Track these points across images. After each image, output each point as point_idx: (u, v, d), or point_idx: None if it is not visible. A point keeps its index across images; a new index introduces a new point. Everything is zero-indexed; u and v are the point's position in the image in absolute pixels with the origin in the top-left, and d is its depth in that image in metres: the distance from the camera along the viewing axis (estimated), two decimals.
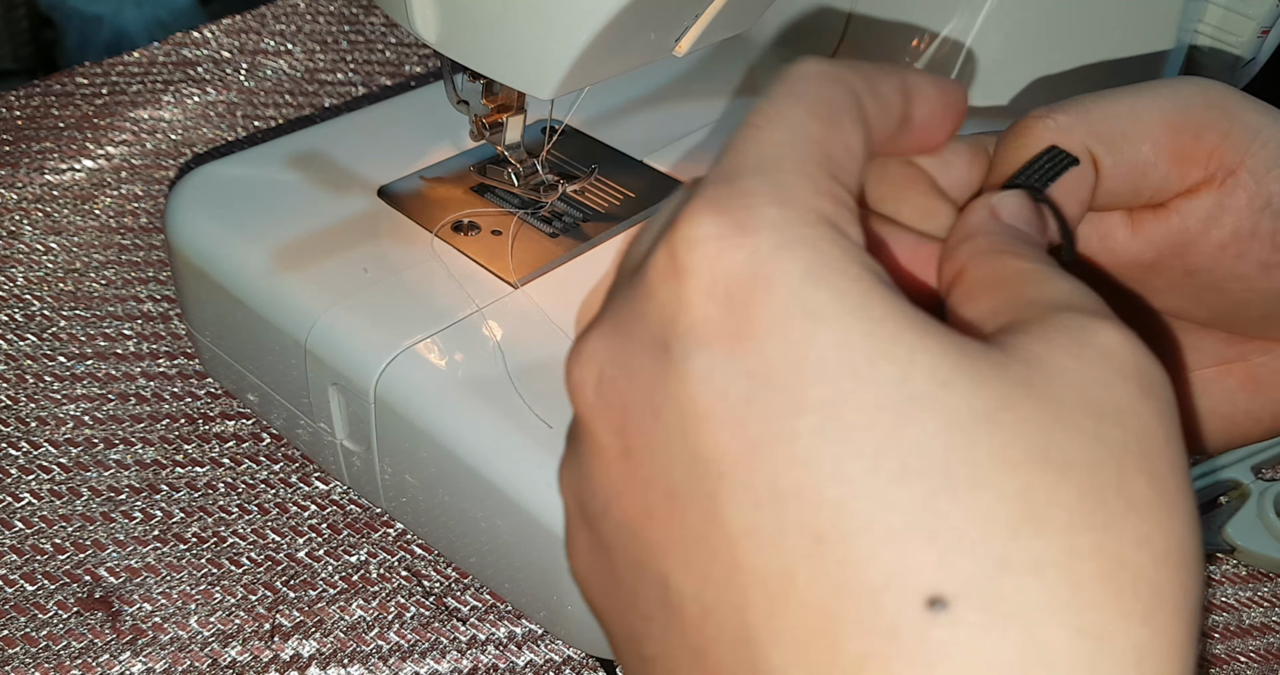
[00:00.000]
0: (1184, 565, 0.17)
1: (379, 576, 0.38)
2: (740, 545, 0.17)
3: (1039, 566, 0.16)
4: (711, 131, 0.46)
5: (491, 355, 0.34)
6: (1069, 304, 0.19)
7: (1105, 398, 0.17)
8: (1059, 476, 0.16)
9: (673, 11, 0.32)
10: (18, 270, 0.49)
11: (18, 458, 0.41)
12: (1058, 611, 0.15)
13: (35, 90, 0.60)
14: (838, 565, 0.16)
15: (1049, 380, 0.17)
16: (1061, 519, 0.16)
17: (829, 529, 0.16)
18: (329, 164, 0.42)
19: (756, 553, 0.17)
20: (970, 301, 0.20)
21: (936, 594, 0.16)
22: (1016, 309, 0.19)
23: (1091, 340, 0.18)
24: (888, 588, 0.16)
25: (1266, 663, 0.39)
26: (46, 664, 0.35)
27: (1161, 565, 0.16)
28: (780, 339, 0.17)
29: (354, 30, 0.69)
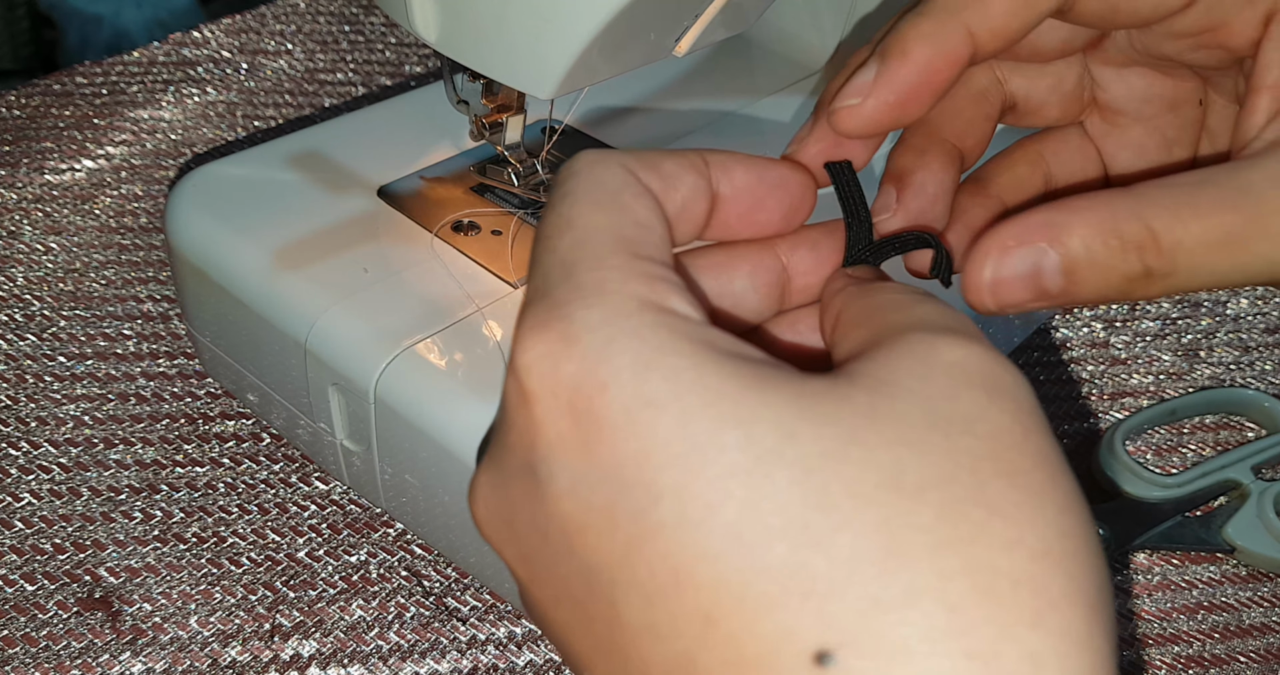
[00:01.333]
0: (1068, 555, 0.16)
1: (379, 576, 0.38)
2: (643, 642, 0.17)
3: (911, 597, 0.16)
4: (711, 131, 0.46)
5: (491, 355, 0.34)
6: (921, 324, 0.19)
7: (952, 409, 0.17)
8: (915, 500, 0.16)
9: (673, 11, 0.32)
10: (18, 270, 0.49)
11: (18, 458, 0.41)
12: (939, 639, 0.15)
13: (35, 90, 0.60)
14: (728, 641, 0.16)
15: (893, 403, 0.17)
16: (924, 542, 0.16)
17: (713, 609, 0.16)
18: (329, 164, 0.42)
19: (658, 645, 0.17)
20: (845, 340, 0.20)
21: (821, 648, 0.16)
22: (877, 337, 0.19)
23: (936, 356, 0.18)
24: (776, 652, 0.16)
25: (1266, 663, 0.39)
26: (46, 664, 0.35)
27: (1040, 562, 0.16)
28: (626, 435, 0.17)
29: (354, 30, 0.69)
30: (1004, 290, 0.22)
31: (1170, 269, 0.21)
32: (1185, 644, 0.39)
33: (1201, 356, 0.50)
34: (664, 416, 0.17)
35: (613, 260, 0.19)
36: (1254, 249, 0.21)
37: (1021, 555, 0.16)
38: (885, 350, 0.19)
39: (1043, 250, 0.22)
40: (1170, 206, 0.21)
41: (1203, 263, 0.21)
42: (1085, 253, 0.21)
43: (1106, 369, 0.49)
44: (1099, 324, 0.52)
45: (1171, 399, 0.47)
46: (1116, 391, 0.48)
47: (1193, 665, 0.38)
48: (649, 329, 0.18)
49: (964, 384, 0.18)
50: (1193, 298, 0.54)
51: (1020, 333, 0.49)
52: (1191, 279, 0.22)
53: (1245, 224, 0.21)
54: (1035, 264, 0.22)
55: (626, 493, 0.17)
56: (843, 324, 0.21)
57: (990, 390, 0.18)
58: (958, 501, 0.16)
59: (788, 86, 0.50)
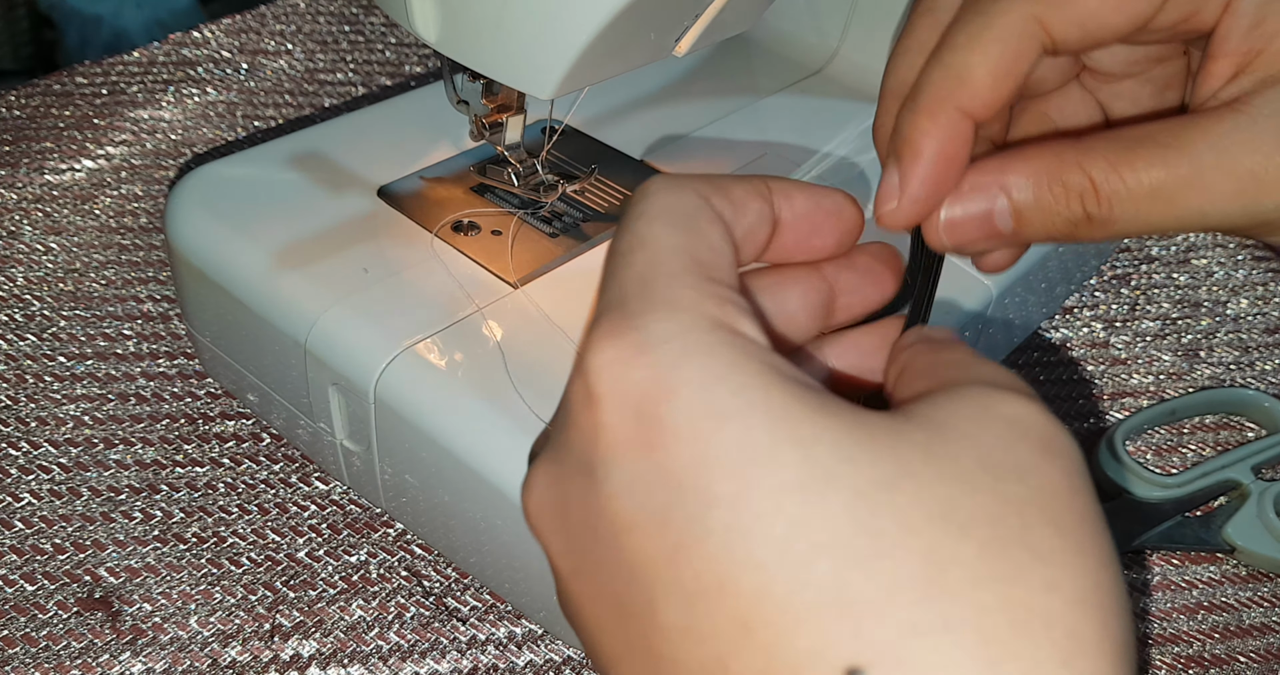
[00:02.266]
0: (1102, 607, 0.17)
1: (379, 576, 0.38)
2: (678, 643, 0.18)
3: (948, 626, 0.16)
4: (711, 131, 0.46)
5: (491, 355, 0.34)
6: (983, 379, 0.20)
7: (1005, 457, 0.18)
8: (961, 534, 0.17)
9: (673, 11, 0.32)
10: (18, 270, 0.49)
11: (18, 458, 0.41)
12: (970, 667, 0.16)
13: (35, 90, 0.60)
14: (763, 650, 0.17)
15: (948, 443, 0.18)
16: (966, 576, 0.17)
17: (752, 616, 0.17)
18: (329, 164, 0.42)
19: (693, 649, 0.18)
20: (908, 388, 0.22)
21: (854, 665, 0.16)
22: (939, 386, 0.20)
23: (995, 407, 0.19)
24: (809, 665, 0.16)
25: (1266, 663, 0.39)
26: (46, 664, 0.35)
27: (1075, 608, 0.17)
28: (688, 442, 0.18)
29: (354, 30, 0.69)
30: (958, 229, 0.24)
31: (1109, 216, 0.23)
32: (1185, 644, 0.39)
33: (1201, 356, 0.50)
34: (727, 428, 0.18)
35: (687, 279, 0.20)
36: (1186, 202, 0.23)
37: (1058, 599, 0.17)
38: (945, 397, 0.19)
39: (994, 195, 0.24)
40: (1111, 159, 0.23)
41: (1139, 212, 0.23)
42: (1032, 199, 0.24)
43: (1106, 369, 0.49)
44: (1099, 324, 0.52)
45: (1171, 399, 0.47)
46: (1116, 391, 0.48)
47: (1193, 665, 0.38)
48: (720, 346, 0.19)
49: (1019, 437, 0.18)
50: (1192, 298, 0.54)
51: (1020, 333, 0.49)
52: (1130, 225, 0.24)
53: (1179, 179, 0.23)
54: (986, 207, 0.24)
55: (682, 497, 0.18)
56: (908, 374, 0.22)
57: (1044, 447, 0.19)
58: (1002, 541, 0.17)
59: (788, 86, 0.50)
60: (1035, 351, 0.50)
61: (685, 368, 0.18)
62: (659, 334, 0.19)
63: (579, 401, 0.20)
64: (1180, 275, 0.55)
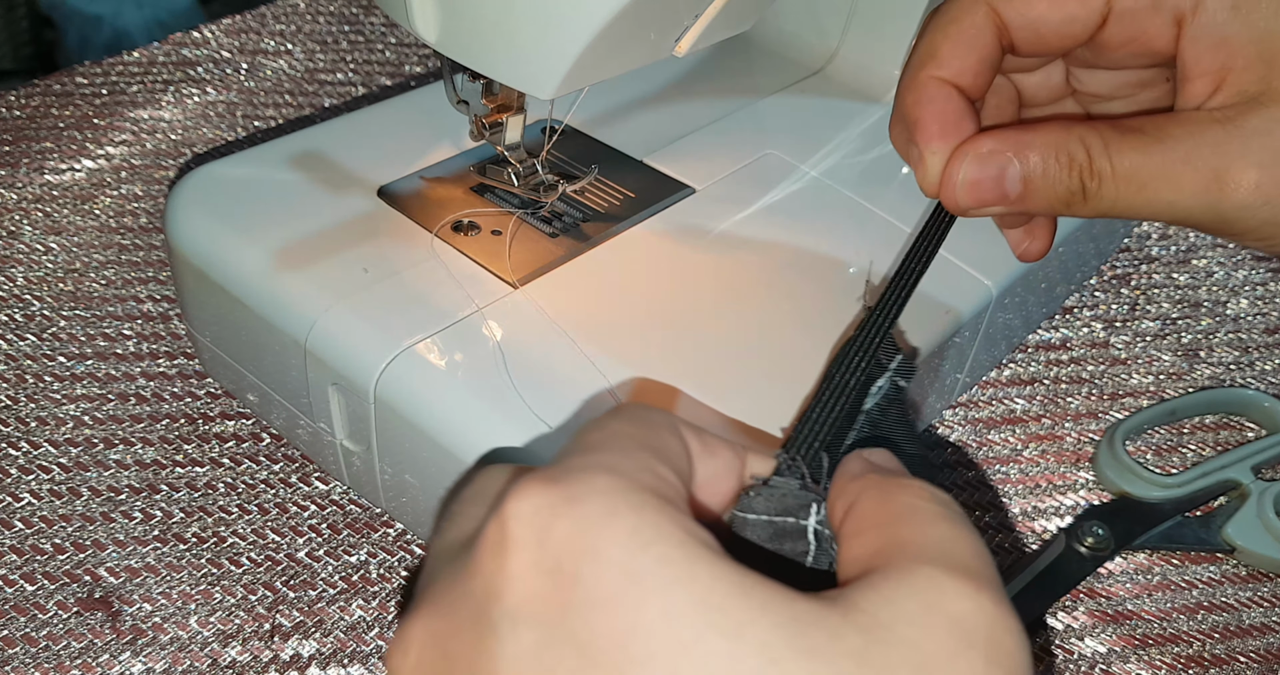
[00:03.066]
0: None
1: (379, 576, 0.38)
2: None
3: None
4: (711, 131, 0.46)
5: (491, 355, 0.34)
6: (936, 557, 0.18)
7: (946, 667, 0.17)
8: None
9: (673, 11, 0.32)
10: (18, 270, 0.49)
11: (18, 458, 0.41)
12: None
13: (35, 90, 0.60)
14: None
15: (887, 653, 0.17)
16: None
17: None
18: (329, 164, 0.42)
19: None
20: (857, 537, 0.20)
21: None
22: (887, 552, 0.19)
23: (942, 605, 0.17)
24: None
25: (1266, 663, 0.39)
26: (46, 664, 0.35)
27: None
28: (608, 609, 0.17)
29: (354, 30, 0.69)
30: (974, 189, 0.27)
31: (1097, 192, 0.26)
32: (1185, 644, 0.39)
33: (1201, 356, 0.50)
34: (650, 601, 0.17)
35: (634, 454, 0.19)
36: (1155, 191, 0.25)
37: None
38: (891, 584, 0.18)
39: (1009, 159, 0.26)
40: (1107, 138, 0.26)
41: (1118, 193, 0.26)
42: (1041, 164, 0.26)
43: (1106, 369, 0.49)
44: (1099, 324, 0.52)
45: (1171, 399, 0.47)
46: (1116, 391, 0.48)
47: (1193, 665, 0.38)
48: (647, 509, 0.18)
49: (965, 645, 0.17)
50: (1192, 298, 0.54)
51: (1020, 333, 0.49)
52: (1114, 206, 0.26)
53: (1151, 168, 0.25)
54: (1001, 169, 0.26)
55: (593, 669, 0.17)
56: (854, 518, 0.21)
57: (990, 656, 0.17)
58: None
59: (788, 86, 0.50)
60: (1035, 351, 0.50)
61: (612, 526, 0.17)
62: (592, 486, 0.18)
63: (489, 548, 0.18)
64: (1180, 275, 0.55)
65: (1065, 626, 0.39)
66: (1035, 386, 0.48)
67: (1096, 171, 0.26)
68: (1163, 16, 0.27)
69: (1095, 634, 0.39)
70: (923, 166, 0.27)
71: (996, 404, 0.47)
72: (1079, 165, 0.26)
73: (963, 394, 0.47)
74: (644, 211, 0.41)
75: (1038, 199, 0.26)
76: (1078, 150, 0.26)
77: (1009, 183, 0.26)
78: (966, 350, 0.42)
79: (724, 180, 0.43)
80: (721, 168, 0.44)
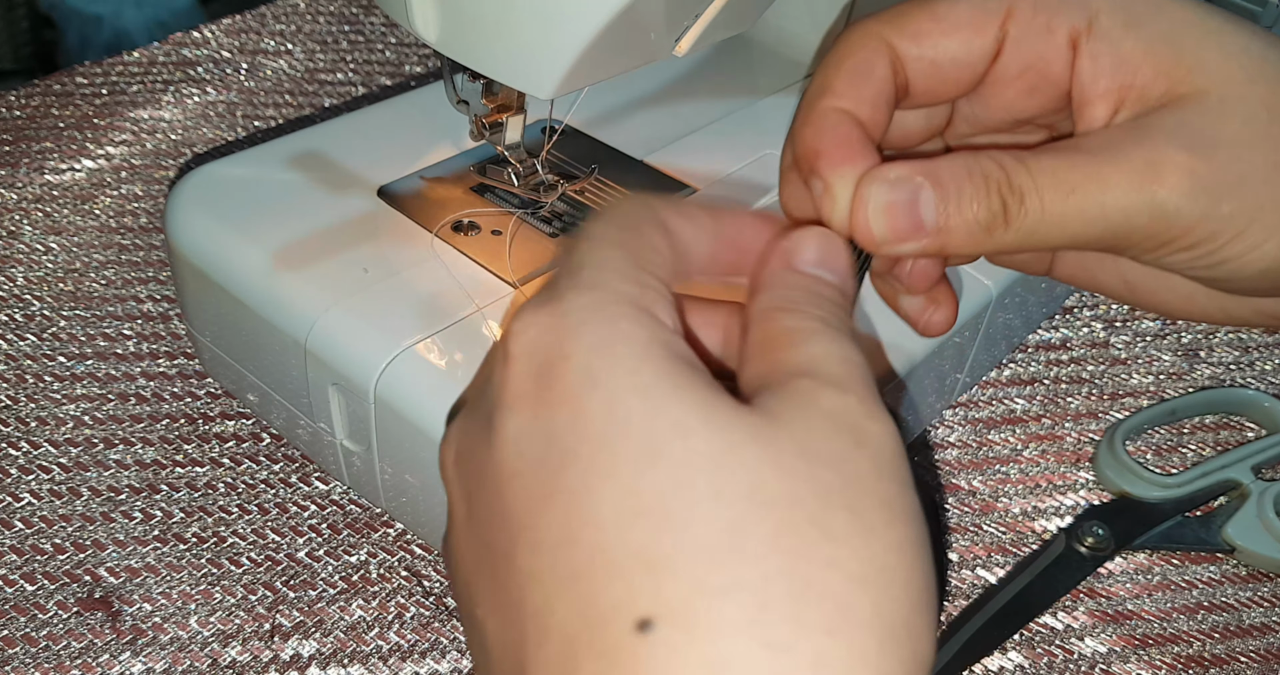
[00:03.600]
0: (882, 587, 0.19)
1: (379, 576, 0.38)
2: (525, 587, 0.20)
3: (733, 588, 0.18)
4: (711, 131, 0.46)
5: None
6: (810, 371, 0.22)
7: (822, 447, 0.20)
8: (763, 510, 0.19)
9: (673, 11, 0.32)
10: (18, 270, 0.49)
11: (18, 458, 0.41)
12: (745, 627, 0.18)
13: (35, 90, 0.60)
14: (581, 599, 0.19)
15: (774, 431, 0.20)
16: (758, 548, 0.18)
17: (582, 567, 0.19)
18: (329, 164, 0.42)
19: (533, 592, 0.20)
20: (748, 363, 0.23)
21: (646, 617, 0.18)
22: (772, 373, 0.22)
23: (817, 402, 0.21)
24: (613, 614, 0.18)
25: (1266, 663, 0.39)
26: (46, 664, 0.35)
27: (852, 585, 0.19)
28: (567, 403, 0.20)
29: (354, 30, 0.69)
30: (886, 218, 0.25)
31: (1020, 208, 0.24)
32: (1185, 644, 0.39)
33: (1201, 356, 0.50)
34: (598, 393, 0.20)
35: (615, 266, 0.22)
36: (1085, 192, 0.24)
37: (837, 575, 0.19)
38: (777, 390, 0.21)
39: (920, 183, 0.25)
40: (1019, 156, 0.25)
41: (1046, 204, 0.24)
42: (954, 185, 0.25)
43: (1106, 369, 0.49)
44: (1099, 324, 0.52)
45: (1171, 399, 0.47)
46: (1116, 391, 0.48)
47: (1193, 665, 0.38)
48: (620, 319, 0.21)
49: (836, 429, 0.20)
50: None
51: (1020, 333, 0.49)
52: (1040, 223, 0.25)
53: (1076, 171, 0.24)
54: (913, 195, 0.25)
55: (554, 450, 0.20)
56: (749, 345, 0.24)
57: (857, 438, 0.20)
58: (797, 520, 0.19)
59: (788, 86, 0.50)
60: (1035, 351, 0.50)
61: (584, 336, 0.21)
62: (570, 303, 0.21)
63: (498, 360, 0.22)
64: None
65: (1065, 626, 0.39)
66: (1035, 386, 0.48)
67: (1016, 186, 0.24)
68: (1057, 38, 0.26)
69: (1095, 634, 0.39)
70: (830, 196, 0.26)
71: (996, 404, 0.47)
72: (996, 182, 0.25)
73: (963, 394, 0.47)
74: None
75: (956, 229, 0.25)
76: (991, 168, 0.25)
77: (924, 209, 0.25)
78: (966, 350, 0.42)
79: (724, 180, 0.43)
80: (721, 168, 0.44)
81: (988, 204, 0.25)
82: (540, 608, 0.19)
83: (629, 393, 0.20)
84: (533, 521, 0.20)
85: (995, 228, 0.25)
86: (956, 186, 0.25)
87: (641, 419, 0.20)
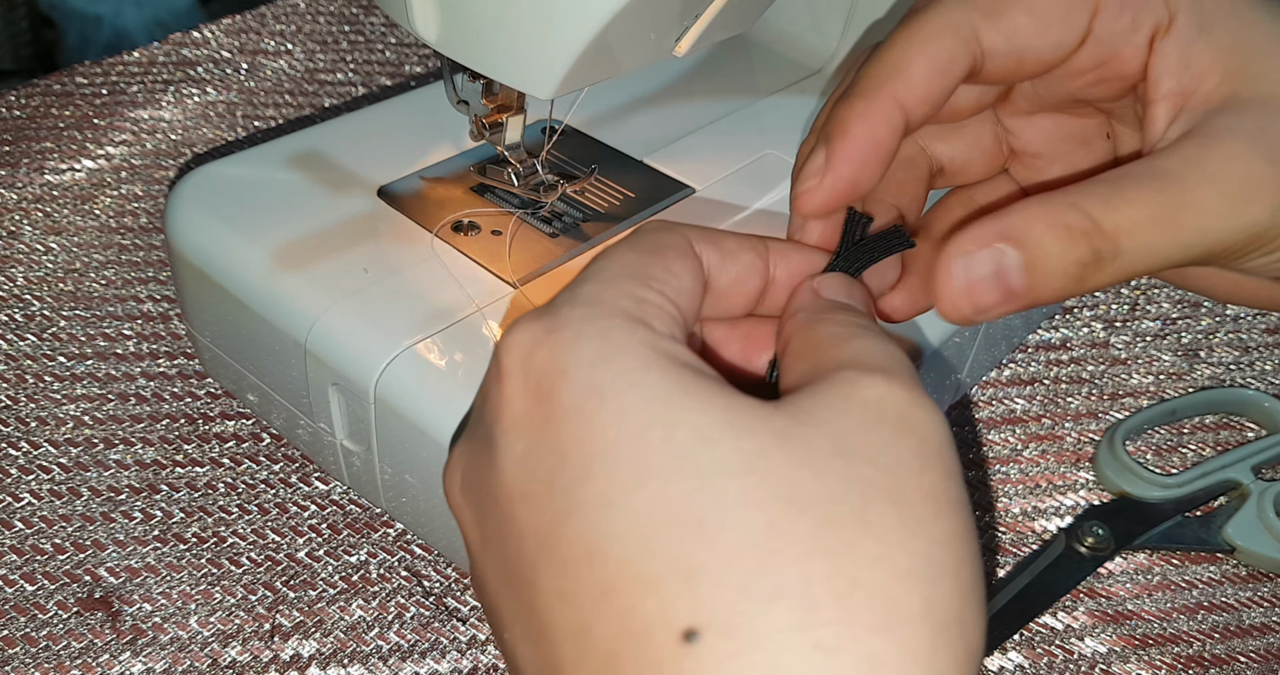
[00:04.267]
0: (930, 581, 0.18)
1: (379, 576, 0.38)
2: (554, 608, 0.19)
3: (777, 593, 0.18)
4: (712, 131, 0.46)
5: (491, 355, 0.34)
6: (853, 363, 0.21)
7: (860, 441, 0.19)
8: (800, 512, 0.18)
9: (673, 11, 0.32)
10: (18, 270, 0.49)
11: (18, 458, 0.41)
12: (793, 630, 0.18)
13: (35, 90, 0.60)
14: (618, 614, 0.18)
15: (806, 430, 0.19)
16: (799, 549, 0.18)
17: (612, 583, 0.19)
18: (329, 164, 0.42)
19: (565, 612, 0.19)
20: (790, 370, 0.23)
21: (690, 627, 0.18)
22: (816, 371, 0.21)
23: (857, 394, 0.20)
24: (654, 626, 0.18)
25: (1266, 663, 0.39)
26: (46, 664, 0.35)
27: (899, 581, 0.18)
28: (573, 418, 0.20)
29: (354, 30, 0.69)
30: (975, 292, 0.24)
31: (1115, 251, 0.23)
32: (1185, 644, 0.39)
33: (1201, 356, 0.50)
34: (606, 407, 0.19)
35: (620, 284, 0.22)
36: (1183, 222, 0.23)
37: (883, 572, 0.18)
38: (814, 385, 0.21)
39: (1002, 250, 0.23)
40: (1102, 196, 0.23)
41: (1142, 241, 0.23)
42: (1039, 245, 0.23)
43: (1106, 369, 0.49)
44: (1099, 324, 0.52)
45: (1171, 399, 0.47)
46: (1116, 391, 0.48)
47: (1193, 665, 0.38)
48: (614, 332, 0.20)
49: (876, 420, 0.20)
50: (1192, 298, 0.54)
51: (1020, 333, 0.49)
52: (1136, 259, 0.23)
53: (1170, 201, 0.23)
54: (998, 263, 0.23)
55: (565, 469, 0.19)
56: (789, 354, 0.23)
57: (900, 428, 0.20)
58: (837, 518, 0.18)
59: (788, 86, 0.50)
60: (1035, 351, 0.50)
61: (581, 349, 0.20)
62: (566, 318, 0.21)
63: (490, 377, 0.22)
64: None
65: (1065, 626, 0.39)
66: (1035, 386, 0.48)
67: (1109, 229, 0.23)
68: (1139, 36, 0.26)
69: (1095, 634, 0.39)
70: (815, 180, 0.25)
71: (996, 404, 0.47)
72: (1081, 230, 0.23)
73: (963, 394, 0.47)
74: (644, 211, 0.41)
75: (1048, 281, 0.23)
76: (1074, 217, 0.23)
77: (1012, 275, 0.23)
78: (966, 350, 0.42)
79: (723, 180, 0.43)
80: (721, 168, 0.44)
81: (1077, 256, 0.23)
82: (575, 627, 0.19)
83: (640, 404, 0.19)
84: (553, 541, 0.19)
85: (1088, 276, 0.24)
86: (1040, 246, 0.23)
87: (659, 429, 0.19)
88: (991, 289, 0.23)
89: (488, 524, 0.22)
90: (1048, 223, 0.23)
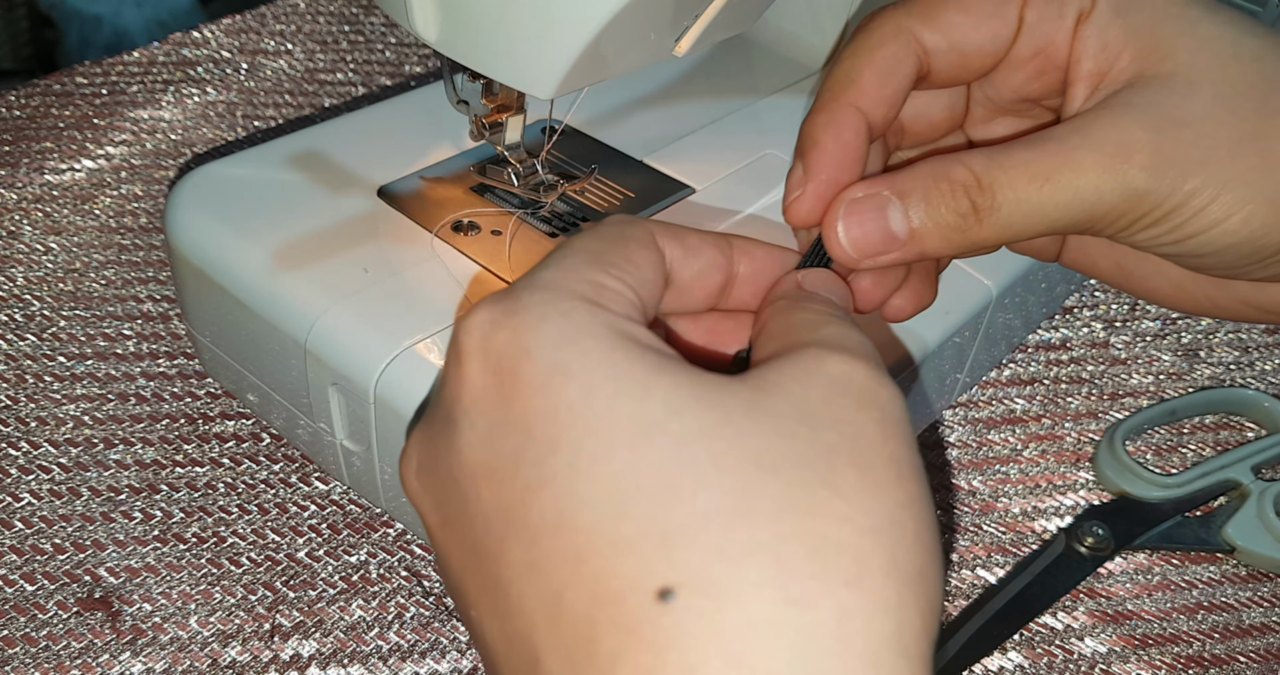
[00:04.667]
0: (895, 539, 0.19)
1: (379, 576, 0.38)
2: (523, 578, 0.20)
3: (750, 550, 0.18)
4: (711, 131, 0.46)
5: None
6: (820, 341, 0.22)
7: (824, 410, 0.20)
8: (770, 474, 0.19)
9: (673, 11, 0.32)
10: (18, 270, 0.49)
11: (18, 458, 0.41)
12: (767, 586, 0.18)
13: (35, 90, 0.60)
14: (591, 579, 0.19)
15: (772, 399, 0.20)
16: (770, 509, 0.19)
17: (584, 550, 0.19)
18: (329, 164, 0.42)
19: (535, 582, 0.20)
20: (762, 349, 0.24)
21: (665, 586, 0.18)
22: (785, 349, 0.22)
23: (822, 367, 0.21)
24: (629, 589, 0.18)
25: (1266, 663, 0.39)
26: (46, 664, 0.35)
27: (867, 538, 0.19)
28: (539, 395, 0.20)
29: (354, 30, 0.69)
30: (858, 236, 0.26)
31: (992, 204, 0.25)
32: (1185, 644, 0.39)
33: (1201, 356, 0.50)
34: (573, 383, 0.20)
35: (580, 270, 0.22)
36: (1058, 179, 0.25)
37: (851, 529, 0.19)
38: (780, 359, 0.22)
39: (886, 197, 0.26)
40: (987, 154, 0.25)
41: (1020, 195, 0.25)
42: (921, 195, 0.25)
43: (1106, 369, 0.49)
44: (1099, 324, 0.52)
45: (1171, 399, 0.47)
46: (1116, 391, 0.48)
47: (1193, 665, 0.38)
48: (575, 313, 0.21)
49: (839, 392, 0.21)
50: None
51: (1020, 333, 0.49)
52: (1014, 214, 0.25)
53: (1048, 159, 0.25)
54: (881, 210, 0.26)
55: (532, 443, 0.20)
56: (763, 335, 0.24)
57: (861, 400, 0.21)
58: (805, 480, 0.19)
59: (788, 86, 0.50)
60: (1035, 351, 0.50)
61: (542, 330, 0.21)
62: (526, 301, 0.21)
63: (450, 361, 0.22)
64: None
65: (1065, 626, 0.39)
66: (1035, 386, 0.48)
67: (988, 183, 0.25)
68: (1066, 22, 0.27)
69: (1095, 634, 0.39)
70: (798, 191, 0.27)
71: (996, 404, 0.47)
72: (962, 183, 0.25)
73: (963, 394, 0.47)
74: (644, 211, 0.41)
75: (928, 234, 0.26)
76: (957, 170, 0.25)
77: (893, 222, 0.26)
78: (966, 350, 0.42)
79: (723, 180, 0.43)
80: (721, 168, 0.44)
81: (955, 206, 0.25)
82: (546, 596, 0.19)
83: (606, 380, 0.20)
84: (521, 514, 0.20)
85: (968, 227, 0.25)
86: (922, 194, 0.25)
87: (628, 402, 0.20)
88: (874, 233, 0.26)
89: (449, 505, 0.22)
90: (934, 176, 0.25)
